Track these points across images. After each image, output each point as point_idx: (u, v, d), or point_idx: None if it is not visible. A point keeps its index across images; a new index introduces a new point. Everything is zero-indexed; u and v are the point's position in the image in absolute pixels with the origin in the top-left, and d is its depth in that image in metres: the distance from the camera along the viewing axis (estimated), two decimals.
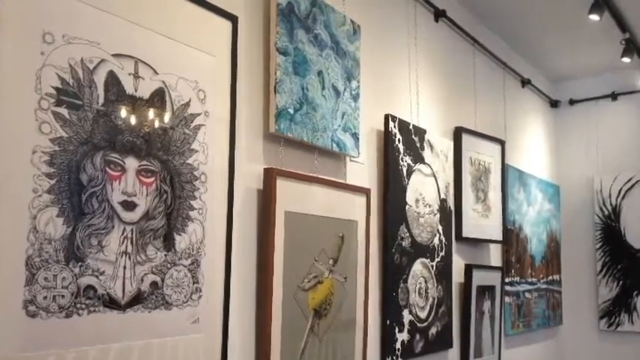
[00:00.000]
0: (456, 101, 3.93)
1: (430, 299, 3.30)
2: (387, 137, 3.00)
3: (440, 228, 3.42)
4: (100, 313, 1.65)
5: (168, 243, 1.85)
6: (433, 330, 3.31)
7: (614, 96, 5.38)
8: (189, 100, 1.94)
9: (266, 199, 2.24)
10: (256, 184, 2.25)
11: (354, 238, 2.68)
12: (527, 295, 4.75)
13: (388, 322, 2.93)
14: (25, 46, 1.51)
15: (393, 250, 2.99)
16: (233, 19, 2.13)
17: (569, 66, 5.31)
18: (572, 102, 5.62)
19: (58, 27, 1.57)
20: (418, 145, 3.23)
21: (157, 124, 1.83)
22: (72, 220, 1.58)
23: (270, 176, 2.24)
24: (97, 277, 1.64)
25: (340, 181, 2.67)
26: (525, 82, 5.02)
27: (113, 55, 1.71)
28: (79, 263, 1.59)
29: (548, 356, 5.25)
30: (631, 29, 4.41)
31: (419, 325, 3.17)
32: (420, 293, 3.19)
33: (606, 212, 5.36)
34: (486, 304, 3.94)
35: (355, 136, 2.67)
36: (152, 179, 1.81)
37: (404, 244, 3.07)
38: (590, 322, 5.42)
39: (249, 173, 2.22)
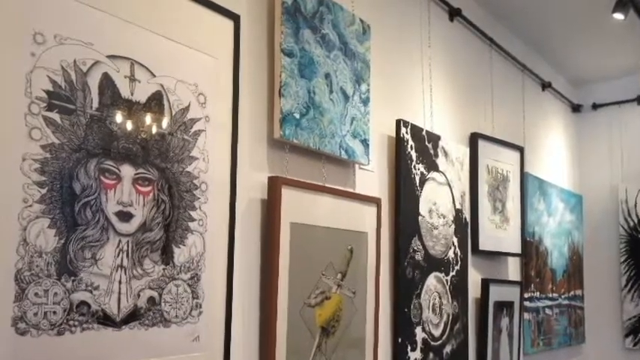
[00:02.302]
0: (472, 105, 3.92)
1: (445, 316, 3.28)
2: (398, 144, 2.99)
3: (455, 240, 3.41)
4: (94, 330, 1.64)
5: (167, 256, 1.84)
6: (448, 348, 3.29)
7: (639, 100, 5.37)
8: (189, 105, 1.94)
9: (270, 210, 2.23)
10: (260, 194, 2.24)
11: (364, 251, 2.67)
12: (547, 311, 4.72)
13: (400, 340, 2.91)
14: (14, 46, 1.50)
15: (405, 264, 2.97)
16: (235, 19, 2.13)
17: (592, 68, 5.30)
18: (595, 106, 5.60)
19: (50, 26, 1.57)
20: (432, 152, 3.22)
21: (154, 129, 1.82)
22: (64, 231, 1.57)
23: (274, 185, 2.23)
24: (90, 292, 1.63)
25: (349, 190, 2.66)
26: (545, 86, 5.01)
27: (108, 57, 1.70)
28: (72, 277, 1.58)
29: None
30: None
31: (432, 343, 3.15)
32: (433, 309, 3.17)
33: (632, 223, 5.33)
34: (504, 321, 3.92)
35: (365, 143, 2.66)
36: (149, 188, 1.80)
37: (417, 257, 3.05)
38: (615, 340, 5.38)
39: (252, 182, 2.22)
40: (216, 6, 2.06)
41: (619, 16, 3.90)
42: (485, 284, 3.74)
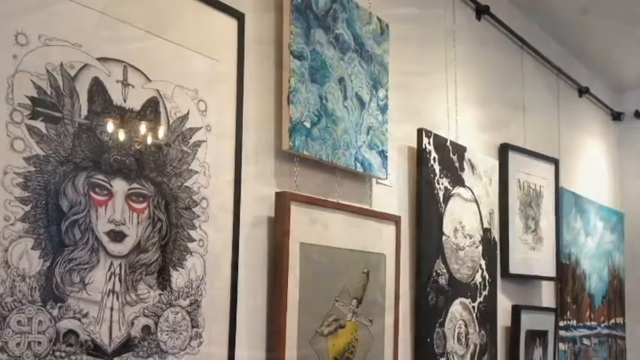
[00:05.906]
0: (502, 113, 3.91)
1: (471, 346, 3.26)
2: (420, 156, 2.98)
3: (482, 263, 3.39)
4: None
5: (163, 280, 1.83)
6: None
7: None
8: (188, 112, 1.93)
9: (278, 229, 2.22)
10: (266, 211, 2.24)
11: (382, 275, 2.66)
12: (585, 341, 4.70)
13: None
14: None
15: (428, 289, 2.96)
16: (239, 17, 2.13)
17: (635, 72, 5.29)
18: (638, 114, 5.59)
19: (34, 26, 1.57)
20: (457, 164, 3.21)
21: (149, 140, 1.82)
22: (50, 253, 1.57)
23: (282, 202, 2.22)
24: (79, 320, 1.62)
25: (365, 207, 2.65)
26: (583, 91, 5.00)
27: (98, 59, 1.70)
28: (59, 304, 1.58)
29: None
30: None
31: None
32: (459, 339, 3.16)
33: None
34: (537, 352, 3.90)
35: (383, 155, 2.65)
36: (144, 205, 1.79)
37: (440, 281, 3.04)
38: None
39: (258, 198, 2.21)
40: (219, 3, 2.06)
41: None
42: (517, 311, 3.72)
